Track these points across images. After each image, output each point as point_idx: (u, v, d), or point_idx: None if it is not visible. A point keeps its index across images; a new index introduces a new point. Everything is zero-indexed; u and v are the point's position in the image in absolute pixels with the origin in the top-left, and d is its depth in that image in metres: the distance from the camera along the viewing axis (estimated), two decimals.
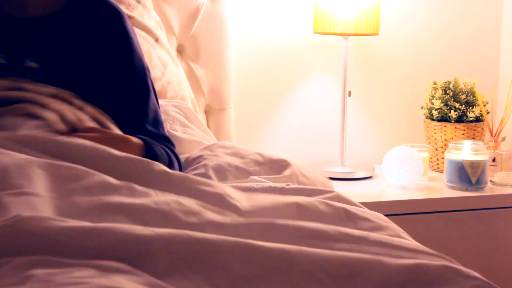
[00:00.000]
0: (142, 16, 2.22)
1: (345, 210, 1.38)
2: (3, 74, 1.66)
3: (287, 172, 1.76)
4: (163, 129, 1.83)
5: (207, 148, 1.91)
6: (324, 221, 1.30)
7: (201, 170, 1.76)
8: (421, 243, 2.30)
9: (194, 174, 1.70)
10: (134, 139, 1.68)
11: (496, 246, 2.46)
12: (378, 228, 1.36)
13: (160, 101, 2.12)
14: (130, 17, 2.15)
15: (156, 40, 2.22)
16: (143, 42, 2.15)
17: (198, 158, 1.85)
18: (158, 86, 2.15)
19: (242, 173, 1.74)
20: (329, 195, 1.48)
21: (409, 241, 1.32)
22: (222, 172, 1.75)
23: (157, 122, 1.81)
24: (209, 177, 1.70)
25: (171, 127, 2.03)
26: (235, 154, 1.84)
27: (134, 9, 2.21)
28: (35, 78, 1.67)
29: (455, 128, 2.60)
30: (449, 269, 1.18)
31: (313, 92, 2.73)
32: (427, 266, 1.18)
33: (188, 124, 2.09)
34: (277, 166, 1.79)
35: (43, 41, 1.70)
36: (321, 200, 1.39)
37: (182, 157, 1.90)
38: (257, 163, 1.80)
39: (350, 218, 1.37)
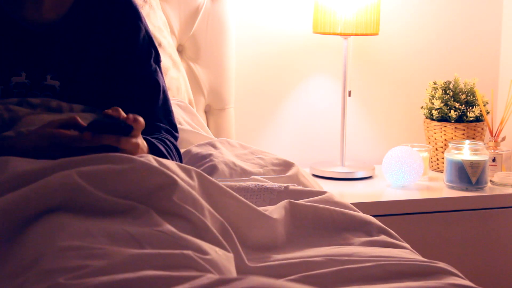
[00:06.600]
0: (148, 17, 2.21)
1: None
2: (25, 94, 1.59)
3: (289, 173, 1.77)
4: (173, 118, 1.74)
5: (215, 146, 1.90)
6: None
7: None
8: (421, 243, 2.32)
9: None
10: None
11: (496, 246, 2.46)
12: None
13: None
14: None
15: (159, 45, 2.21)
16: None
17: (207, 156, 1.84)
18: None
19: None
20: (322, 196, 1.51)
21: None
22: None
23: (168, 114, 1.72)
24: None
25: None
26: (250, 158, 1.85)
27: (141, 9, 2.20)
28: (57, 97, 1.60)
29: (455, 128, 2.60)
30: None
31: (313, 92, 2.73)
32: None
33: (190, 122, 2.10)
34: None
35: (60, 53, 1.62)
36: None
37: (185, 150, 1.90)
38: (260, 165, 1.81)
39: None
